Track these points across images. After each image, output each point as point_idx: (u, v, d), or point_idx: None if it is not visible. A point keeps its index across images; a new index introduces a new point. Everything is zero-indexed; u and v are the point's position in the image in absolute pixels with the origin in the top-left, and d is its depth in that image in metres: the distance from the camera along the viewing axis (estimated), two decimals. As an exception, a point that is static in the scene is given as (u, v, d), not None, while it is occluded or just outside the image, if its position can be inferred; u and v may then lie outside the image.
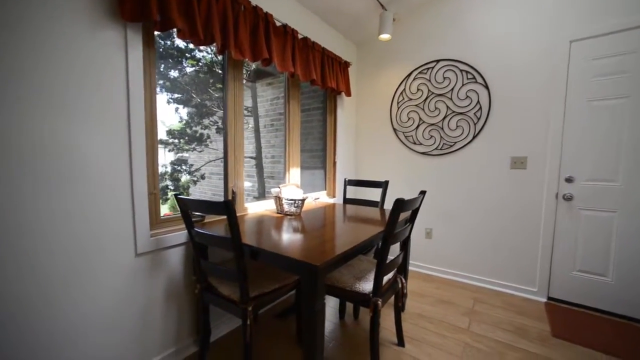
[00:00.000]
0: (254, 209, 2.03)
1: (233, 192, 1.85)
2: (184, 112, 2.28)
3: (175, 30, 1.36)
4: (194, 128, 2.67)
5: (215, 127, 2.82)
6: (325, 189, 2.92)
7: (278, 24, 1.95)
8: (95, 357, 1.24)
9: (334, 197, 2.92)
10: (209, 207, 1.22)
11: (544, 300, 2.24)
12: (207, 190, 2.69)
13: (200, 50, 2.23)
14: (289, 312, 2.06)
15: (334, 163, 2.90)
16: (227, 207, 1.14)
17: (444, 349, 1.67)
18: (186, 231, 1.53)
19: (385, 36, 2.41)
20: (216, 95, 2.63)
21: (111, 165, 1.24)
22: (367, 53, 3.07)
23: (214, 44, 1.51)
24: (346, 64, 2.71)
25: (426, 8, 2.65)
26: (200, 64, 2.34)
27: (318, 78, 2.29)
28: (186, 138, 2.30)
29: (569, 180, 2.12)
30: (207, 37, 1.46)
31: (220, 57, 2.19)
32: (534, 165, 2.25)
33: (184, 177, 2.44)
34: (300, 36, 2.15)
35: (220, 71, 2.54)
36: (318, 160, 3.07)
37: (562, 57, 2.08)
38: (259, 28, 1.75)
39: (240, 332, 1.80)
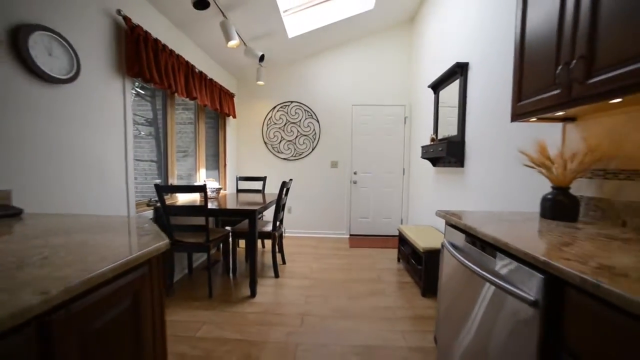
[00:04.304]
0: (180, 198, 2.84)
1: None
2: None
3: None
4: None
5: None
6: (219, 184, 3.89)
7: (197, 70, 2.88)
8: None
9: (225, 190, 3.95)
10: (189, 189, 2.15)
11: (348, 236, 4.30)
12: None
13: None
14: (211, 267, 3.01)
15: (225, 165, 3.93)
16: (204, 188, 2.14)
17: (305, 261, 3.23)
18: (150, 211, 2.28)
19: (260, 82, 3.74)
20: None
21: (116, 164, 1.92)
22: (245, 87, 4.29)
23: (169, 89, 2.35)
24: (233, 95, 3.83)
25: (286, 67, 4.21)
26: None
27: (218, 107, 3.33)
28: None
29: (355, 173, 4.25)
30: (167, 84, 2.30)
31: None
32: (341, 165, 4.26)
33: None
34: (208, 77, 3.12)
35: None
36: (208, 162, 3.97)
37: (350, 112, 4.17)
38: (189, 76, 2.66)
39: (180, 280, 2.64)
